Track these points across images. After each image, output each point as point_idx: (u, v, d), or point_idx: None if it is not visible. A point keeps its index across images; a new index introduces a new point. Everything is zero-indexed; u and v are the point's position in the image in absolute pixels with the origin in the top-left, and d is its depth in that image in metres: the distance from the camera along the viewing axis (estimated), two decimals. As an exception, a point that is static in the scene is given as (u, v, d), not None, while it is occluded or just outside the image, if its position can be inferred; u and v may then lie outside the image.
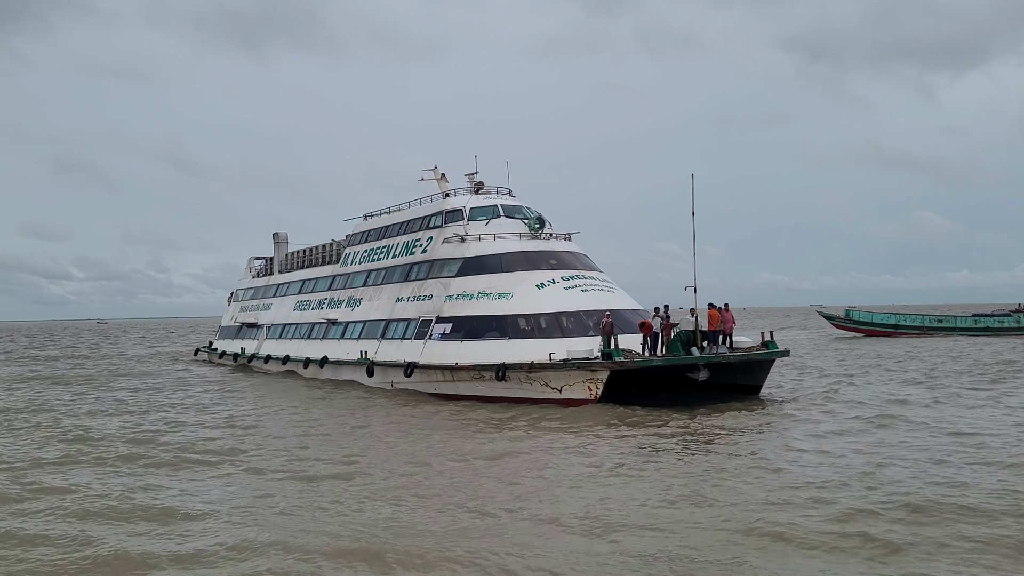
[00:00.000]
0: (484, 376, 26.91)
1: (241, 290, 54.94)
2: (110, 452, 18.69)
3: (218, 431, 21.93)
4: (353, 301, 37.89)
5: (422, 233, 34.69)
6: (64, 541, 11.73)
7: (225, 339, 52.95)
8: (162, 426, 22.89)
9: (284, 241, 50.91)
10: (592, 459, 16.74)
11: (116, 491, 14.62)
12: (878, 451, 16.99)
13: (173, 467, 17.03)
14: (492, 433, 20.49)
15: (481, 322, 28.75)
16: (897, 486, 13.72)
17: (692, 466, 15.86)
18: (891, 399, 25.28)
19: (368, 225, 40.10)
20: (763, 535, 11.30)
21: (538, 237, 31.75)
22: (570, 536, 11.51)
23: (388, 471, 16.06)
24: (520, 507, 13.07)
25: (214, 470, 16.68)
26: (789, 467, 15.51)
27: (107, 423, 23.60)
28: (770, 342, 26.74)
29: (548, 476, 15.31)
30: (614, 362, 23.61)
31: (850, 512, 12.14)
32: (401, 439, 19.93)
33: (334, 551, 10.96)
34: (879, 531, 11.28)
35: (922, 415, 21.91)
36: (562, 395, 24.98)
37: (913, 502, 12.57)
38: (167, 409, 26.93)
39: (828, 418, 21.74)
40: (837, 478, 14.42)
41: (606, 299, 28.90)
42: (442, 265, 32.30)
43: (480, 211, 32.93)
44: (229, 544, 11.33)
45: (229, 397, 30.73)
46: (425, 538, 11.48)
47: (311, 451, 18.56)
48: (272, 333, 45.47)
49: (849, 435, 19.04)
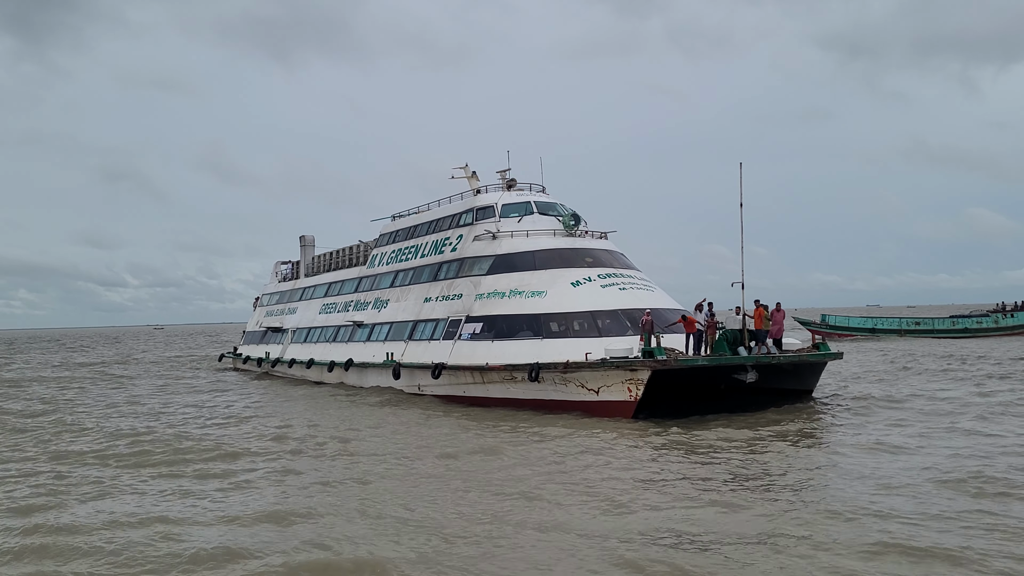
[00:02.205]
0: (516, 377, 25.50)
1: (266, 295, 54.10)
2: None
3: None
4: (380, 303, 36.72)
5: (452, 231, 33.45)
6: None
7: (250, 344, 52.07)
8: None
9: (311, 244, 49.98)
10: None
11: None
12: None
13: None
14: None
15: (513, 321, 27.37)
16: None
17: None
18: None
19: (396, 225, 38.99)
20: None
21: (573, 234, 30.34)
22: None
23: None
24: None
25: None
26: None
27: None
28: (821, 343, 25.11)
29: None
30: (656, 361, 22.05)
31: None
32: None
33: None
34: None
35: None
36: (599, 397, 23.47)
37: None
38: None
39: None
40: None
41: (645, 298, 27.38)
42: (472, 263, 31.00)
43: (512, 208, 31.64)
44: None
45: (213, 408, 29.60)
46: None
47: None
48: (297, 337, 44.43)
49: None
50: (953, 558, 9.87)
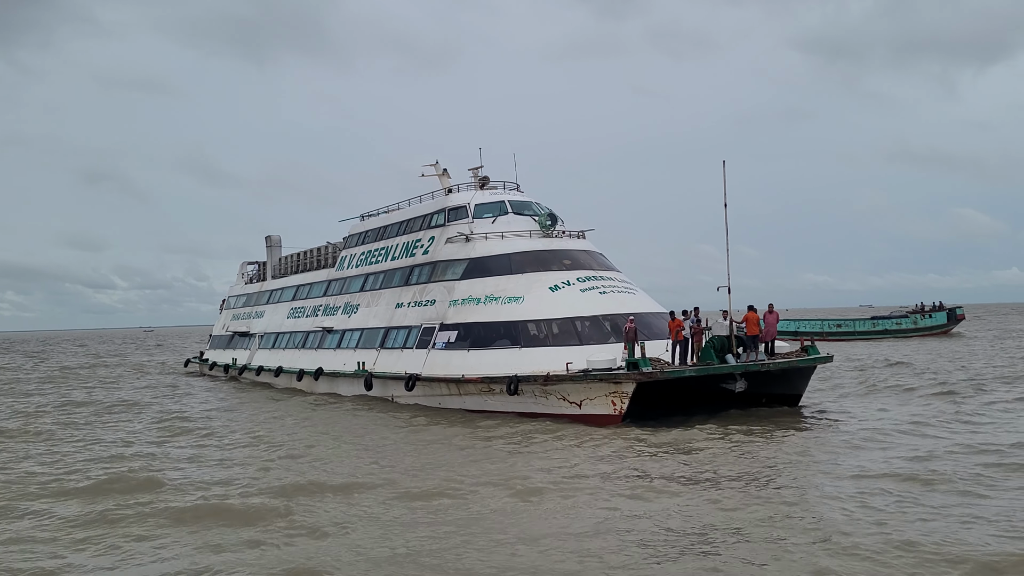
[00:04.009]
0: (494, 389, 24.28)
1: (232, 297, 52.27)
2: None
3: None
4: (350, 307, 35.25)
5: (423, 233, 32.03)
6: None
7: (216, 349, 50.31)
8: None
9: (277, 245, 48.21)
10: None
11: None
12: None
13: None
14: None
15: (489, 329, 26.11)
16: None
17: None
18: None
19: (365, 226, 37.46)
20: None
21: (550, 235, 29.05)
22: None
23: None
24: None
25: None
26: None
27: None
28: (810, 347, 24.13)
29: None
30: (642, 373, 20.94)
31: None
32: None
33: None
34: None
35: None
36: (582, 410, 22.33)
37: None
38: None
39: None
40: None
41: (626, 301, 26.23)
42: (445, 267, 29.64)
43: (486, 208, 30.28)
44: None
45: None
46: None
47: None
48: (265, 343, 42.80)
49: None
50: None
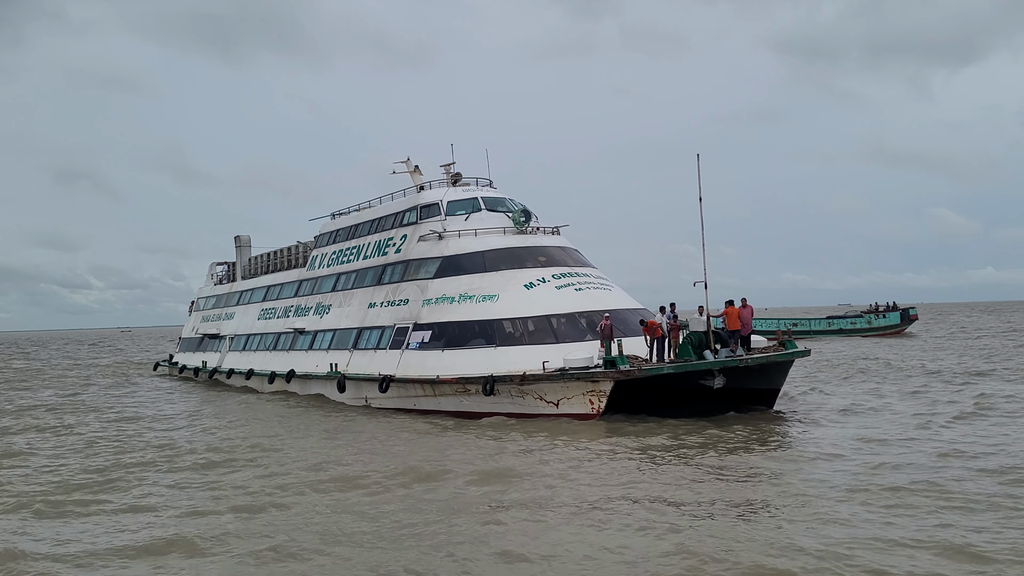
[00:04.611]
0: (470, 390, 23.86)
1: (202, 298, 51.28)
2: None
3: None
4: (321, 308, 34.61)
5: (395, 231, 31.47)
6: None
7: (186, 352, 49.34)
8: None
9: (247, 245, 47.29)
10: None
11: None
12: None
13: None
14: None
15: (464, 328, 25.66)
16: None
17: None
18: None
19: (336, 224, 36.79)
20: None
21: (524, 231, 28.63)
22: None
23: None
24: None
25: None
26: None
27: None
28: (788, 341, 23.95)
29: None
30: (619, 371, 20.65)
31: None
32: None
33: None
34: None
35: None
36: (559, 409, 22.01)
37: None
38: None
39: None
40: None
41: (602, 298, 25.93)
42: (418, 266, 29.12)
43: (459, 204, 29.78)
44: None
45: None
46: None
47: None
48: (235, 345, 41.99)
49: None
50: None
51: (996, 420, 20.08)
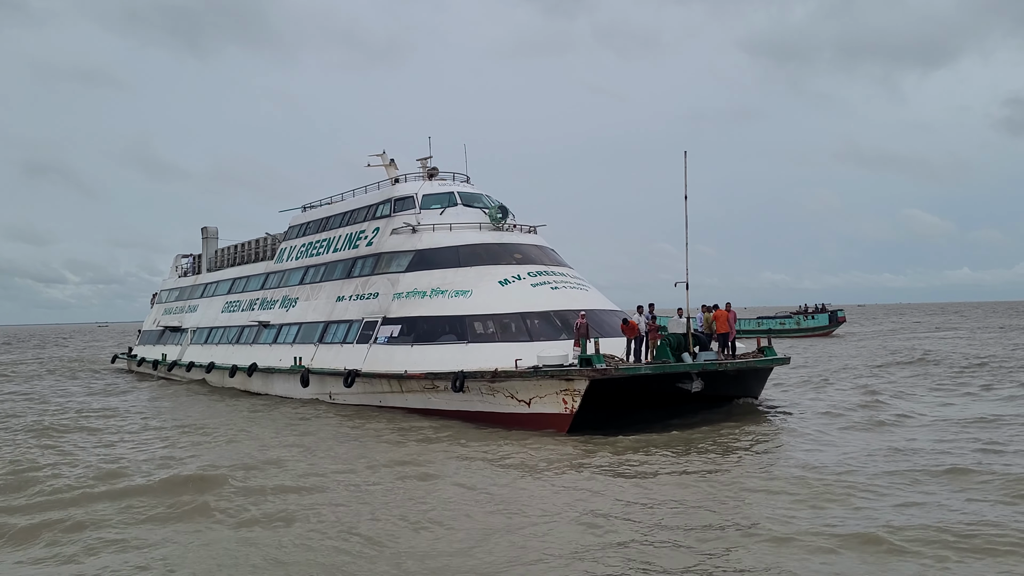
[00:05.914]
0: (438, 386, 22.95)
1: (165, 291, 49.77)
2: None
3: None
4: (288, 301, 33.48)
5: (367, 224, 30.52)
6: None
7: (146, 344, 47.76)
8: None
9: (213, 236, 45.94)
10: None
11: None
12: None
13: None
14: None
15: (435, 323, 24.77)
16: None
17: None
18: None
19: (307, 217, 35.75)
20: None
21: (500, 228, 27.90)
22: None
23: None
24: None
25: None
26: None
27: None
28: (767, 348, 23.43)
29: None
30: (595, 369, 19.84)
31: None
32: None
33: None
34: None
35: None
36: (531, 409, 21.15)
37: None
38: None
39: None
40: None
41: (578, 298, 25.20)
42: (390, 259, 28.19)
43: (434, 199, 28.97)
44: None
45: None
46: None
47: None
48: (197, 338, 40.62)
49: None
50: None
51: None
